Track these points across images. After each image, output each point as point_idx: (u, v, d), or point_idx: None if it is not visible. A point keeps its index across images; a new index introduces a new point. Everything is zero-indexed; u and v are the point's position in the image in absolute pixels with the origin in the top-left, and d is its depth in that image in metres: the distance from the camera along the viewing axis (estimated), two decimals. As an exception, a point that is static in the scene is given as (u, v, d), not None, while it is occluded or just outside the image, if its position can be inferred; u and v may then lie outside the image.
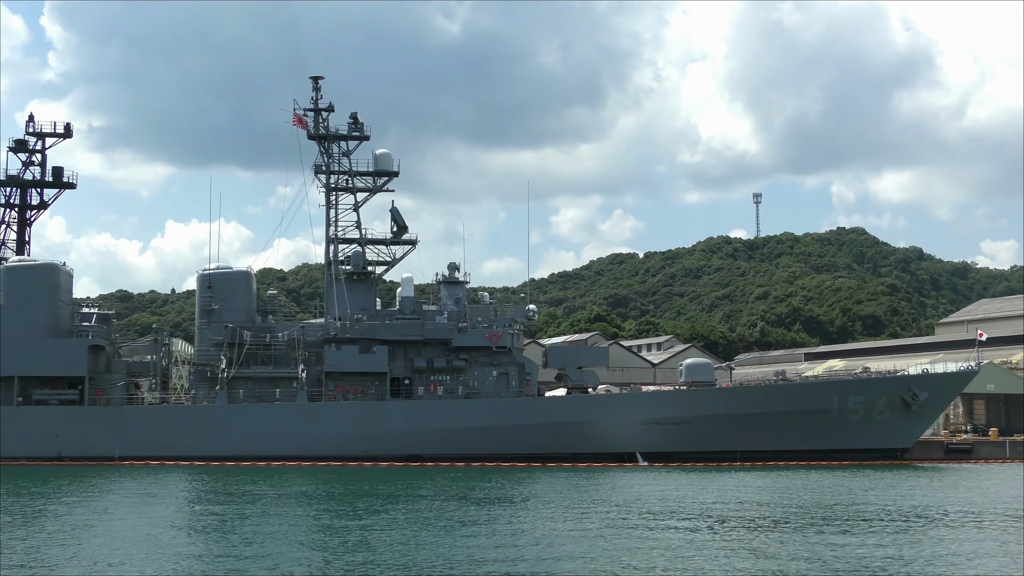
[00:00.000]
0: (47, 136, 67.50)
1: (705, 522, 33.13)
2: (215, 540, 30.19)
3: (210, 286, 64.13)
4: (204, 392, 63.10)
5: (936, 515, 35.48)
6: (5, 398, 61.09)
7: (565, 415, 62.63)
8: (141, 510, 37.66)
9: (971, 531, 31.61)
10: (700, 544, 28.54)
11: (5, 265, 62.69)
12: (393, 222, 66.67)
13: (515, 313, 65.16)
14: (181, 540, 30.21)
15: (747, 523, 32.99)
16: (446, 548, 27.87)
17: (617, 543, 28.64)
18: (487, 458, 61.15)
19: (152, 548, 28.36)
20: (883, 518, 34.38)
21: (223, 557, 27.01)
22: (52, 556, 26.99)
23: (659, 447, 62.67)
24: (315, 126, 66.68)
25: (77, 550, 28.09)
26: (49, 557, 26.85)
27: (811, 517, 34.38)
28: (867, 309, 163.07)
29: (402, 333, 63.40)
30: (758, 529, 31.64)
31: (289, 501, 40.75)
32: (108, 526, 33.26)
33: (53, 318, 62.41)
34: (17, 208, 66.81)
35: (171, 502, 41.01)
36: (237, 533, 31.14)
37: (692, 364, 66.32)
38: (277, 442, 61.08)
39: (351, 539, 29.91)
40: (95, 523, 33.99)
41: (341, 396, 62.79)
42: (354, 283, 65.44)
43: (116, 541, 29.63)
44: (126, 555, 27.24)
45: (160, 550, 28.02)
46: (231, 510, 37.44)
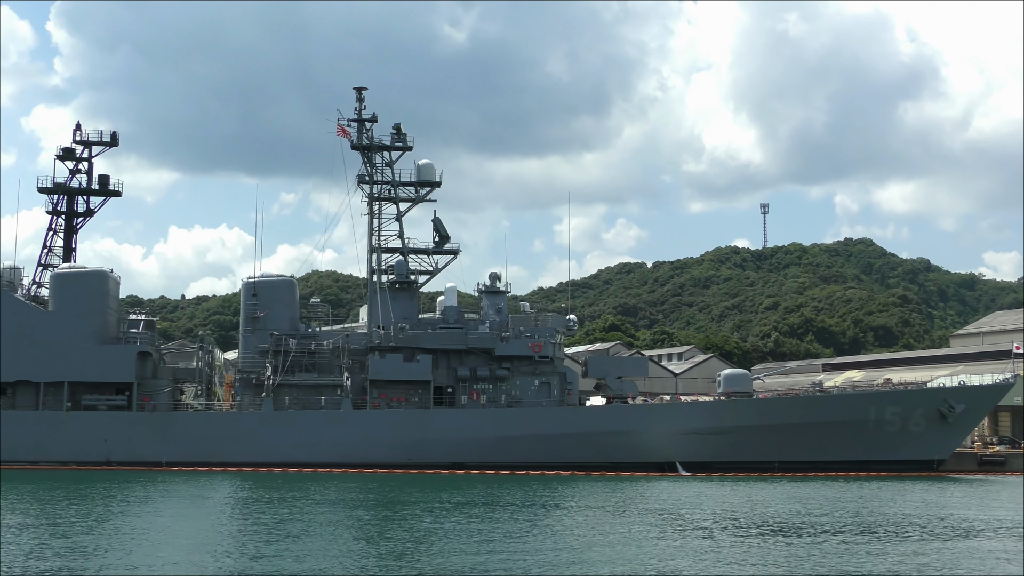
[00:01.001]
0: (94, 144, 68.23)
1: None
2: (271, 543, 30.97)
3: (255, 294, 64.81)
4: (249, 399, 63.72)
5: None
6: (55, 403, 61.67)
7: (606, 424, 63.30)
8: (195, 514, 38.96)
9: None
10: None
11: (55, 272, 63.36)
12: (435, 232, 67.42)
13: (556, 323, 65.92)
14: (238, 543, 31.13)
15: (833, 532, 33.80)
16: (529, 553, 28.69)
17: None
18: (529, 467, 61.72)
19: (206, 551, 29.43)
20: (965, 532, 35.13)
21: (274, 558, 28.08)
22: (107, 557, 28.05)
23: (698, 457, 63.36)
24: (358, 136, 67.42)
25: (133, 551, 29.15)
26: (105, 558, 27.91)
27: (899, 532, 34.94)
28: (878, 320, 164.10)
29: (446, 342, 64.08)
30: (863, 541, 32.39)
31: (336, 507, 41.68)
32: (167, 528, 34.42)
33: (102, 324, 63.06)
34: (64, 215, 67.40)
35: (226, 506, 42.04)
36: (293, 538, 32.01)
37: (730, 375, 67.10)
38: (322, 449, 61.65)
39: (395, 544, 30.80)
40: (152, 526, 35.00)
41: (385, 404, 63.42)
42: (397, 292, 66.11)
43: (173, 543, 30.79)
44: (182, 556, 28.41)
45: (214, 552, 29.10)
46: (284, 515, 38.30)
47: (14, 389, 62.25)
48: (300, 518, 37.23)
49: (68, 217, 67.64)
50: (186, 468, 60.13)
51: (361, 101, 67.97)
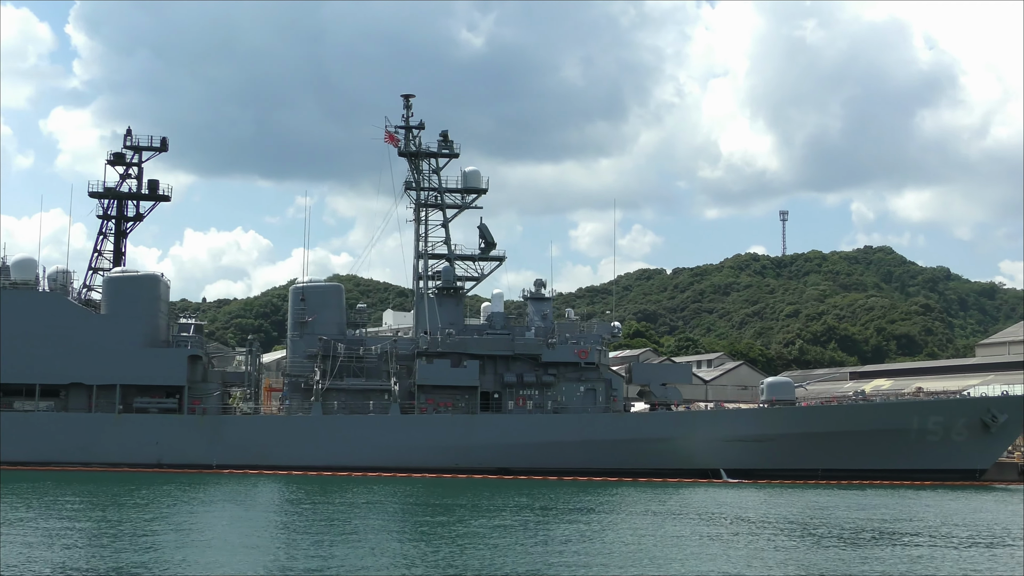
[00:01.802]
0: (144, 150, 69.00)
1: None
2: (332, 544, 32.09)
3: (303, 299, 65.47)
4: (297, 403, 64.34)
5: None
6: (106, 405, 62.36)
7: (651, 431, 63.75)
8: (252, 516, 40.22)
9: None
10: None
11: (108, 276, 64.14)
12: (481, 238, 68.02)
13: (601, 329, 66.39)
14: (298, 544, 32.21)
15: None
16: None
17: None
18: (574, 472, 62.22)
19: (270, 551, 30.73)
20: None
21: (336, 559, 29.21)
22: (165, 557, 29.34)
23: (742, 464, 63.71)
24: (406, 143, 68.06)
25: (194, 552, 30.28)
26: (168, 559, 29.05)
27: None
28: (901, 328, 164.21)
29: (493, 348, 64.62)
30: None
31: (399, 510, 42.73)
32: (226, 529, 35.66)
33: (153, 328, 63.79)
34: (114, 220, 68.19)
35: (281, 509, 43.13)
36: (358, 540, 33.08)
37: (773, 383, 67.51)
38: (370, 453, 62.19)
39: (445, 547, 31.68)
40: (211, 527, 36.18)
41: (432, 409, 63.98)
42: (443, 298, 66.69)
43: (233, 544, 32.09)
44: (242, 557, 29.67)
45: (275, 553, 30.42)
46: (343, 517, 39.27)
47: (67, 391, 62.97)
48: (361, 521, 38.19)
49: (118, 221, 68.36)
50: (237, 471, 60.76)
51: (409, 108, 68.58)
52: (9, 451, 60.41)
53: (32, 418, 61.67)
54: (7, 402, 62.46)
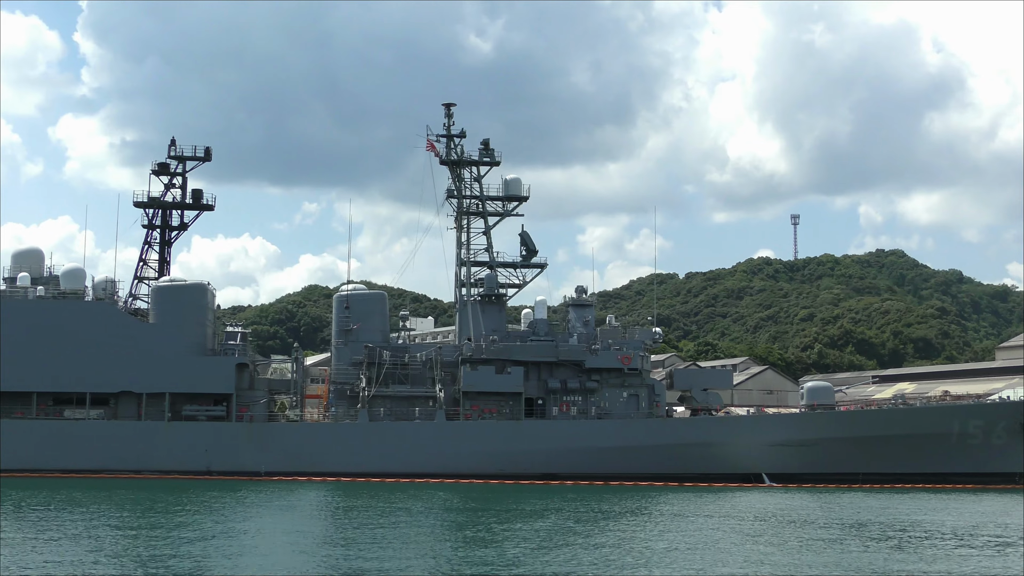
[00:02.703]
0: (187, 159, 69.60)
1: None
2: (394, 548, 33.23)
3: (347, 307, 66.05)
4: (344, 410, 64.87)
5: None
6: (155, 413, 62.92)
7: (694, 436, 64.22)
8: (310, 521, 41.45)
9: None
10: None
11: (156, 285, 64.75)
12: (523, 246, 68.61)
13: (643, 335, 66.93)
14: (362, 548, 33.33)
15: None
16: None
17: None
18: (618, 477, 62.69)
19: (328, 555, 31.90)
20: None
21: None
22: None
23: (783, 468, 64.16)
24: (447, 152, 68.67)
25: (255, 557, 31.51)
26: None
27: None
28: (918, 332, 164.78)
29: (537, 354, 65.14)
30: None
31: (461, 515, 43.60)
32: (285, 534, 36.72)
33: (201, 336, 64.36)
34: (159, 229, 68.80)
35: (338, 515, 43.97)
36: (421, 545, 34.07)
37: (814, 387, 68.00)
38: (417, 459, 62.69)
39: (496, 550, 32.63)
40: (271, 532, 37.32)
41: (476, 415, 64.50)
42: (486, 305, 67.24)
43: (293, 548, 33.32)
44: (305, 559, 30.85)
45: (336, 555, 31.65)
46: (406, 523, 40.12)
47: (116, 400, 63.53)
48: (419, 526, 39.01)
49: (163, 231, 68.97)
50: (285, 478, 61.27)
51: (450, 117, 69.20)
52: (60, 459, 61.05)
53: (83, 426, 62.22)
54: (58, 410, 63.03)
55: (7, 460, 60.62)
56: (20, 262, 65.25)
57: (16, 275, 64.40)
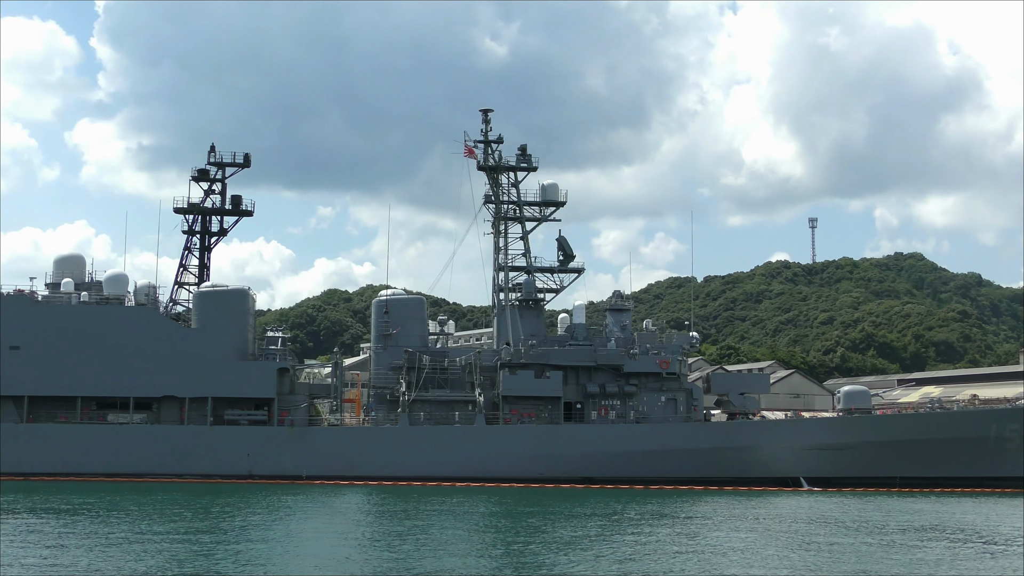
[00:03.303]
0: (227, 166, 70.12)
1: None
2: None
3: (387, 311, 66.47)
4: (384, 414, 65.26)
5: None
6: (197, 418, 63.40)
7: (733, 440, 64.45)
8: (356, 525, 42.08)
9: None
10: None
11: (199, 290, 65.26)
12: (560, 250, 68.95)
13: (680, 340, 67.21)
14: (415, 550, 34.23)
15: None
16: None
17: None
18: (656, 481, 62.93)
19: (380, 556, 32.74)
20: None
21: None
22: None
23: (821, 472, 64.35)
24: (484, 157, 69.08)
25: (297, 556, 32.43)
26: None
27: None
28: (939, 335, 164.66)
29: (576, 359, 65.46)
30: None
31: (506, 518, 44.01)
32: (334, 538, 37.29)
33: (243, 341, 64.85)
34: (199, 235, 69.35)
35: (387, 518, 44.47)
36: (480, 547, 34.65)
37: (850, 391, 68.13)
38: (457, 463, 63.00)
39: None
40: (321, 536, 37.73)
41: (516, 419, 64.83)
42: (524, 310, 67.59)
43: (344, 551, 34.12)
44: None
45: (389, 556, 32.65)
46: (457, 526, 40.78)
47: (159, 404, 64.04)
48: (476, 529, 39.65)
49: (202, 236, 69.51)
50: (327, 481, 61.67)
51: (487, 123, 69.60)
52: (104, 463, 61.58)
53: (126, 431, 62.73)
54: (101, 415, 63.57)
55: (52, 464, 61.22)
56: (62, 268, 65.80)
57: (58, 280, 64.91)
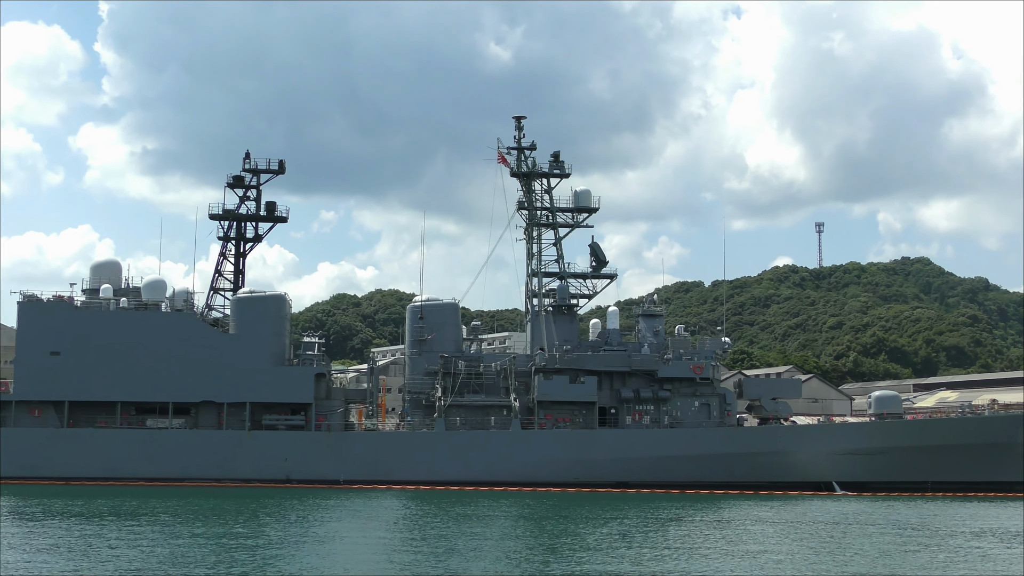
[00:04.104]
0: (262, 172, 70.55)
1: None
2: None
3: (421, 317, 66.92)
4: (419, 419, 65.69)
5: None
6: (235, 423, 63.80)
7: (766, 444, 64.89)
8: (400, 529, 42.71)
9: None
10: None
11: (237, 297, 65.69)
12: (593, 256, 69.44)
13: (713, 345, 67.69)
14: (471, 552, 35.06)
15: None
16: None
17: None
18: (690, 485, 63.44)
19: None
20: None
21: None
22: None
23: (853, 477, 64.81)
24: (518, 164, 69.57)
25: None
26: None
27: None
28: (950, 340, 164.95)
29: (610, 364, 65.93)
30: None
31: (556, 523, 44.59)
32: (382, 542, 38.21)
33: (280, 347, 65.29)
34: (234, 241, 69.77)
35: (434, 522, 44.89)
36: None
37: (882, 396, 68.64)
38: (492, 468, 63.43)
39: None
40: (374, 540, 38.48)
41: (550, 424, 65.28)
42: (557, 315, 68.05)
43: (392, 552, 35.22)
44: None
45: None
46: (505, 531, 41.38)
47: (197, 409, 64.43)
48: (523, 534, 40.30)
49: (237, 242, 69.93)
50: (366, 486, 62.06)
51: (520, 130, 70.15)
52: (144, 468, 62.00)
53: (166, 435, 63.12)
54: (141, 420, 63.97)
55: (92, 468, 61.66)
56: (99, 274, 66.22)
57: (95, 287, 65.31)
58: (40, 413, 63.22)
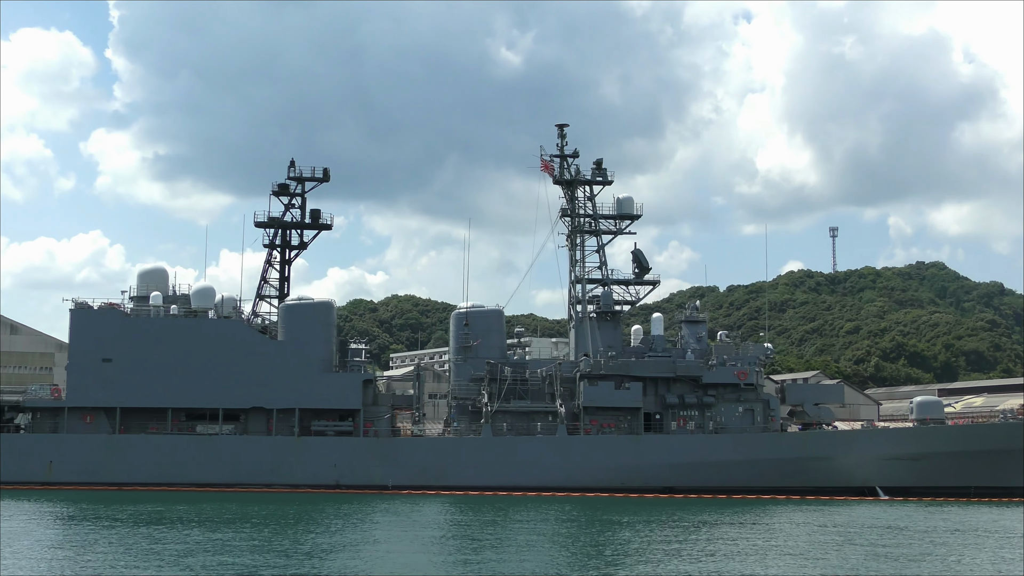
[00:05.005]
0: (306, 180, 71.09)
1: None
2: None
3: (467, 323, 67.43)
4: (466, 425, 66.19)
5: None
6: (284, 429, 64.33)
7: (810, 450, 65.29)
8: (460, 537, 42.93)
9: None
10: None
11: (285, 304, 66.28)
12: (635, 263, 69.91)
13: (756, 351, 68.15)
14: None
15: None
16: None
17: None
18: (735, 490, 63.82)
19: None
20: None
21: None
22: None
23: (897, 482, 65.20)
24: (560, 171, 70.12)
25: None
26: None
27: None
28: (969, 344, 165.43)
29: (655, 370, 66.39)
30: None
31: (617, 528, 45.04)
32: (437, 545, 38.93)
33: (328, 353, 65.81)
34: (279, 248, 70.32)
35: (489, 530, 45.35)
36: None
37: (923, 402, 69.03)
38: (539, 473, 63.92)
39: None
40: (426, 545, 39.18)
41: (596, 430, 65.75)
42: (601, 322, 68.55)
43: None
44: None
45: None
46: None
47: (246, 415, 64.97)
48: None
49: (283, 250, 70.49)
50: (415, 492, 62.50)
51: (563, 137, 70.69)
52: (194, 473, 62.53)
53: (216, 441, 63.65)
54: (191, 426, 64.52)
55: (144, 474, 62.22)
56: (146, 281, 66.77)
57: (144, 294, 65.86)
58: (92, 419, 63.83)
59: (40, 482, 61.82)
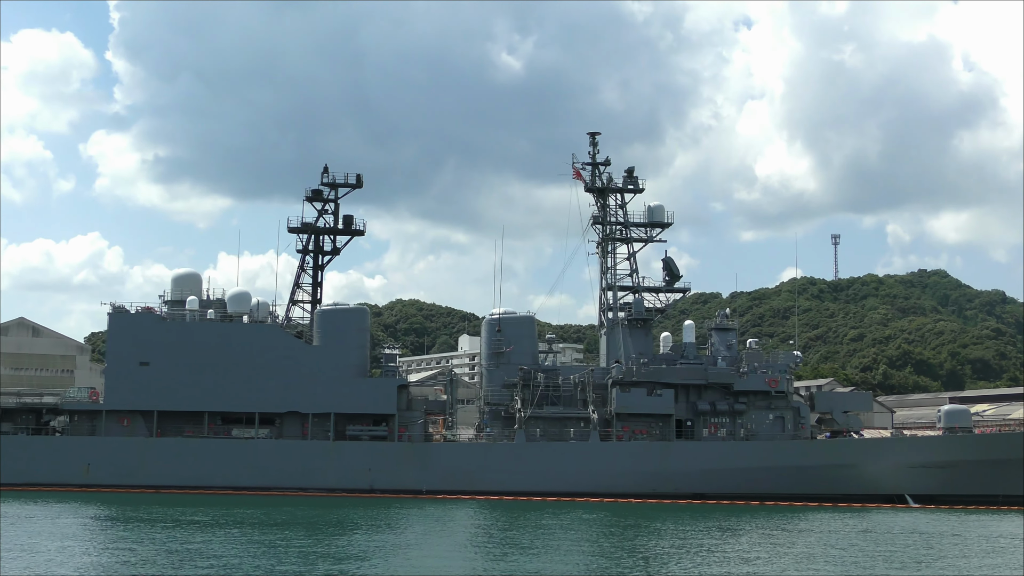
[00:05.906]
0: (339, 186, 71.53)
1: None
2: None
3: (499, 330, 67.89)
4: (499, 430, 66.63)
5: None
6: (319, 433, 64.70)
7: (840, 457, 65.86)
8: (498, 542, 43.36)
9: None
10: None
11: (320, 309, 66.73)
12: (666, 270, 70.47)
13: (786, 359, 68.72)
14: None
15: None
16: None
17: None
18: (765, 497, 64.37)
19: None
20: None
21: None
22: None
23: (926, 490, 65.76)
24: (592, 179, 70.66)
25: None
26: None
27: None
28: (975, 353, 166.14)
29: (687, 377, 66.94)
30: None
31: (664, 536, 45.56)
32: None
33: (363, 358, 66.27)
34: (312, 254, 70.72)
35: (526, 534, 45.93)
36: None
37: (951, 411, 69.61)
38: (572, 479, 64.40)
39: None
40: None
41: (628, 436, 66.25)
42: (633, 329, 69.07)
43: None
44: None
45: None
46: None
47: (282, 419, 65.32)
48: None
49: (315, 255, 70.88)
50: (449, 496, 62.91)
51: (595, 145, 71.25)
52: (230, 477, 62.88)
53: (251, 445, 63.99)
54: (226, 430, 64.87)
55: (180, 477, 62.55)
56: (181, 285, 67.12)
57: (179, 298, 66.22)
58: (129, 422, 64.19)
59: (77, 484, 62.13)
